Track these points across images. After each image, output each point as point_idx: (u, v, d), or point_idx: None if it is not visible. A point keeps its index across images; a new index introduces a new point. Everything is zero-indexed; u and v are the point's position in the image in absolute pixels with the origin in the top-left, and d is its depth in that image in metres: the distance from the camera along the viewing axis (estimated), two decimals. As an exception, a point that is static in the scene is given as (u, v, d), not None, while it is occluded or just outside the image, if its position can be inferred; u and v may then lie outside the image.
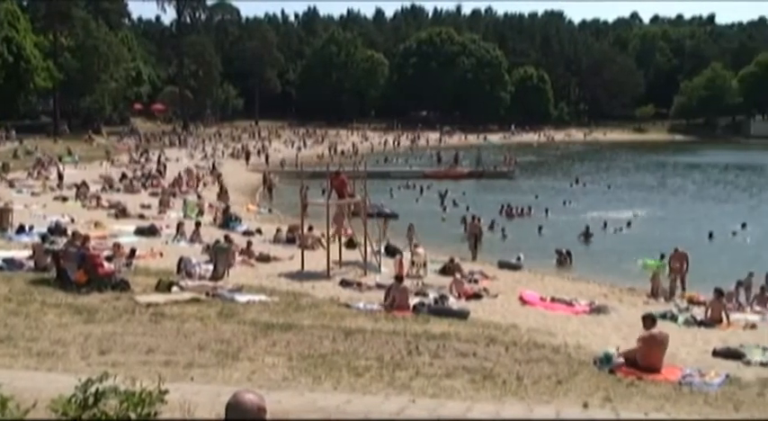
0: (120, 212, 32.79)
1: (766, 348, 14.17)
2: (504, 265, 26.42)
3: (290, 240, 27.59)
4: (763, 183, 64.54)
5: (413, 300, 17.34)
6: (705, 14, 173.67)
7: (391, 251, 25.54)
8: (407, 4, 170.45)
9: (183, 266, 19.76)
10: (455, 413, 8.17)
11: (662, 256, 26.83)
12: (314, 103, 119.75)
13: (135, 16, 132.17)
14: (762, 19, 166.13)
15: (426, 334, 13.16)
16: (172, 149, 71.59)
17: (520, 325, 15.49)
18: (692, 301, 21.47)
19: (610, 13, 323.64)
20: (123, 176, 46.91)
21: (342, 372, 9.89)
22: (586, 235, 34.02)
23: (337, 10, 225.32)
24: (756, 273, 23.16)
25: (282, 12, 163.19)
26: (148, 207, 35.39)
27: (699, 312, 19.22)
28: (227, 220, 31.89)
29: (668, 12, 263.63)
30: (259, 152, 72.47)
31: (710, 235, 34.16)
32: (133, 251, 21.35)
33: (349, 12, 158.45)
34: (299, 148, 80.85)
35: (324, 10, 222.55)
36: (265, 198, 48.22)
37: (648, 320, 12.56)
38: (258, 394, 3.85)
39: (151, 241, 25.80)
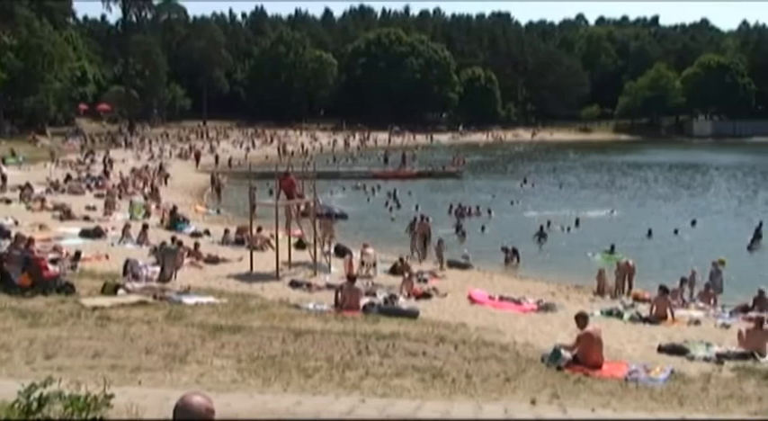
0: (65, 214, 32.24)
1: (710, 344, 14.47)
2: (453, 264, 26.58)
3: (239, 241, 27.42)
4: (707, 181, 65.92)
5: (362, 301, 17.36)
6: (649, 16, 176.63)
7: (341, 251, 25.54)
8: (356, 5, 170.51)
9: (130, 269, 19.50)
10: (405, 412, 8.20)
11: (612, 248, 28.39)
12: (262, 103, 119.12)
13: (80, 15, 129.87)
14: (704, 20, 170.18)
15: (376, 334, 13.18)
16: (118, 150, 70.55)
17: (469, 323, 15.60)
18: (637, 298, 21.84)
19: (556, 15, 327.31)
20: (68, 178, 46.15)
21: (291, 374, 9.87)
22: (540, 234, 34.29)
23: (285, 10, 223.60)
24: (700, 269, 23.63)
25: (230, 11, 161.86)
26: (94, 209, 34.86)
27: (644, 309, 19.56)
28: (175, 222, 31.55)
29: (613, 13, 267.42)
30: (209, 152, 71.92)
31: (650, 233, 34.57)
32: (78, 253, 21.02)
33: (297, 12, 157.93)
34: (248, 149, 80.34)
35: (272, 9, 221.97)
36: (214, 199, 47.83)
37: (581, 319, 12.74)
38: (206, 396, 3.83)
39: (97, 243, 25.41)
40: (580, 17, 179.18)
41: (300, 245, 25.28)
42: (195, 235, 28.55)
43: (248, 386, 9.19)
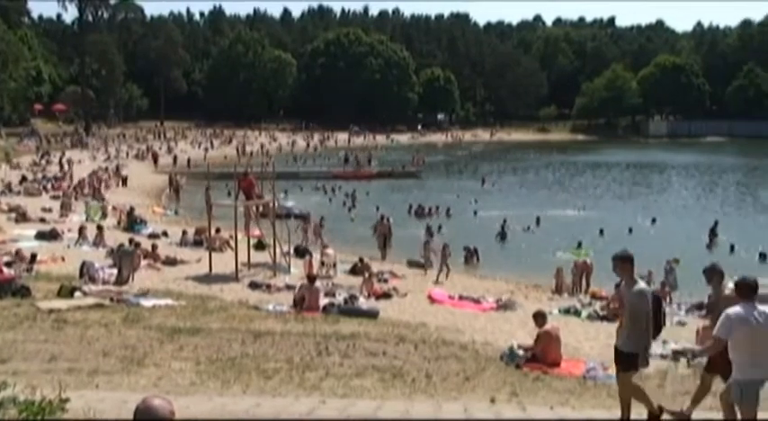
0: (21, 216, 31.75)
1: (666, 341, 14.66)
2: (413, 264, 26.69)
3: (198, 242, 27.24)
4: (665, 180, 66.90)
5: (322, 301, 17.33)
6: (606, 17, 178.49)
7: (300, 252, 25.49)
8: (315, 5, 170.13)
9: (86, 271, 19.27)
10: (365, 412, 8.20)
11: (579, 245, 29.00)
12: (221, 103, 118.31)
13: (35, 14, 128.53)
14: (659, 22, 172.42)
15: (336, 334, 13.17)
16: (74, 151, 69.63)
17: (429, 323, 15.65)
18: (594, 296, 22.10)
19: (513, 16, 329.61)
20: (23, 179, 45.46)
21: (251, 376, 9.82)
22: (502, 234, 34.48)
23: (244, 9, 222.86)
24: (656, 267, 23.94)
25: (188, 10, 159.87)
26: (50, 210, 34.39)
27: (601, 307, 19.77)
28: (132, 223, 31.25)
29: (570, 14, 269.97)
30: (167, 153, 71.27)
31: (601, 232, 34.83)
32: (34, 256, 20.71)
33: (255, 11, 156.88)
34: (206, 149, 79.78)
35: (230, 9, 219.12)
36: (172, 200, 47.44)
37: (540, 318, 12.86)
38: (167, 399, 3.81)
39: (53, 245, 25.07)
40: (537, 18, 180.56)
41: (260, 245, 25.17)
42: (153, 236, 28.28)
43: (207, 388, 9.13)
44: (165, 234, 29.46)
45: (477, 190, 53.25)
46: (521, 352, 11.99)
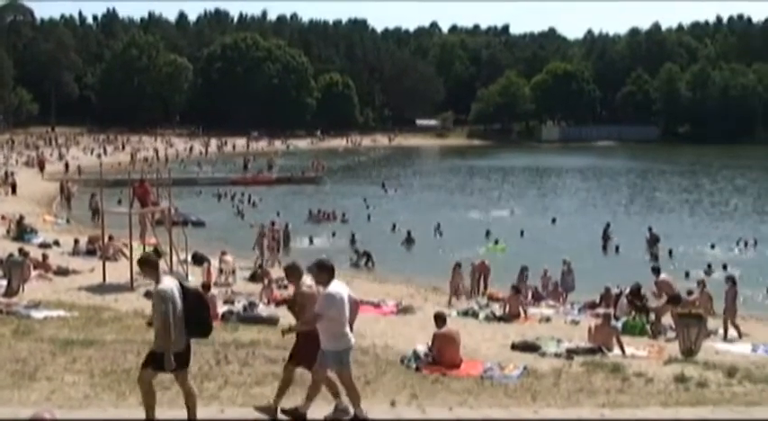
0: None
1: (560, 340, 15.07)
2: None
3: (91, 252, 26.52)
4: (561, 183, 68.81)
5: (221, 309, 17.13)
6: (500, 25, 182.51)
7: (198, 259, 25.09)
8: (211, 8, 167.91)
9: (-27, 283, 18.55)
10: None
11: (496, 242, 30.83)
12: (115, 108, 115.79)
13: None
14: (552, 29, 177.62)
15: (235, 342, 13.04)
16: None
17: (329, 328, 15.61)
18: (491, 298, 22.53)
19: (410, 22, 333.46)
20: None
21: (147, 387, 9.61)
22: (408, 240, 34.58)
23: (138, 12, 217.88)
24: (551, 268, 24.59)
25: (80, 13, 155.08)
26: (-68, 220, 32.95)
27: (498, 308, 20.19)
28: (22, 232, 30.22)
29: (466, 22, 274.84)
30: (58, 160, 69.16)
31: (487, 233, 35.36)
32: None
33: (150, 15, 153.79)
34: (100, 156, 77.78)
35: (123, 12, 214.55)
36: (63, 208, 46.02)
37: (439, 320, 13.03)
38: (53, 412, 3.72)
39: (-64, 257, 23.98)
40: (434, 25, 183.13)
41: (156, 254, 24.64)
42: (44, 246, 27.38)
43: (101, 401, 8.91)
44: (56, 243, 28.59)
45: (378, 195, 53.55)
46: (423, 355, 12.12)
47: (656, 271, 19.84)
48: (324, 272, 8.24)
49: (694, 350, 14.39)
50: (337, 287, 8.23)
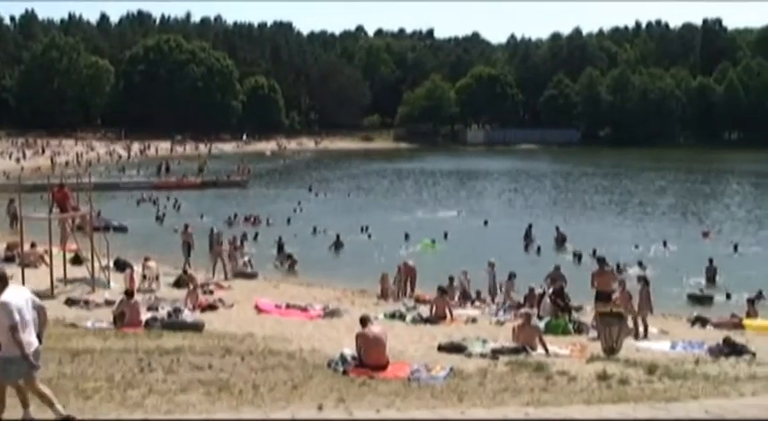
0: None
1: (486, 340, 15.24)
2: (239, 274, 26.38)
3: (9, 258, 25.73)
4: (487, 185, 69.65)
5: (145, 315, 16.85)
6: (425, 29, 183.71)
7: (121, 265, 24.62)
8: (134, 10, 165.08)
9: None
10: (190, 428, 8.06)
11: (433, 241, 31.72)
12: (34, 111, 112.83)
13: None
14: (476, 34, 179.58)
15: (159, 349, 12.83)
16: None
17: (256, 333, 15.53)
18: (418, 300, 22.65)
19: (336, 26, 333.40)
20: None
21: (69, 397, 9.40)
22: (337, 245, 34.38)
23: (58, 13, 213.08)
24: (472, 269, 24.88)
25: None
26: None
27: (425, 310, 20.32)
28: (-65, 240, 29.20)
29: (391, 25, 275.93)
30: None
31: (406, 236, 35.48)
32: None
33: (71, 16, 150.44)
34: (18, 160, 75.74)
35: (43, 13, 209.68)
36: (-21, 214, 44.57)
37: (365, 323, 13.07)
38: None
39: None
40: (360, 29, 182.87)
41: (77, 260, 24.13)
42: (-41, 253, 26.54)
43: (21, 412, 8.66)
44: (-29, 251, 27.69)
45: (306, 198, 53.35)
46: (350, 358, 12.12)
47: (602, 261, 20.36)
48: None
49: (616, 348, 14.72)
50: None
